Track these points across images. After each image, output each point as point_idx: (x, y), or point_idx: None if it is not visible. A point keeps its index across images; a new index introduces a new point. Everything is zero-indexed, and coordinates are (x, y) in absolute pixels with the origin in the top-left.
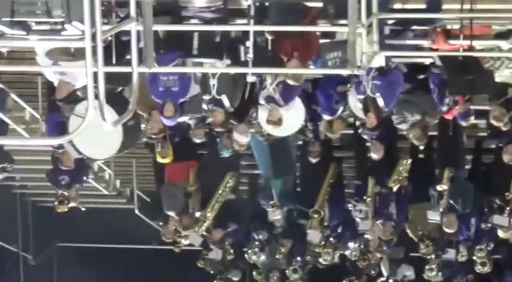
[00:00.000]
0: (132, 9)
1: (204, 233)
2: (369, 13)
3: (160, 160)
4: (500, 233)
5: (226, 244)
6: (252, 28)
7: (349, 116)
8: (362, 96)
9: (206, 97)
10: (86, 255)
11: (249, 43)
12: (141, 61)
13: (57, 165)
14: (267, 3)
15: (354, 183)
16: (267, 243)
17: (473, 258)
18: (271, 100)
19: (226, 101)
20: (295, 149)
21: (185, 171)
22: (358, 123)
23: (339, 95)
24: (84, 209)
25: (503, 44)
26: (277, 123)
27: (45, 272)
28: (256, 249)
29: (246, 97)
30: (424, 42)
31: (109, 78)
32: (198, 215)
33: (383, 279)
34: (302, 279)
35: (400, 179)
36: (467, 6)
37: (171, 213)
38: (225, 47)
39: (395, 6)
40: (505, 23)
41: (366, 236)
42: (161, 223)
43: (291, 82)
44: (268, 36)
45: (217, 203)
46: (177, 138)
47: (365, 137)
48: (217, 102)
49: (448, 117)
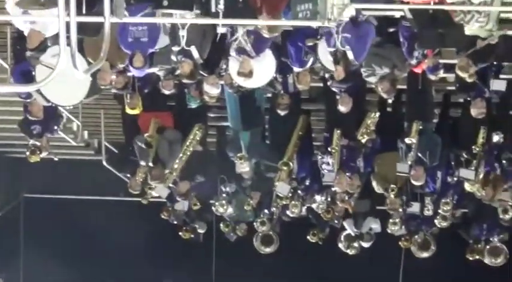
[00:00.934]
0: None
1: (171, 185)
2: None
3: (129, 111)
4: (467, 187)
5: (193, 196)
6: None
7: (320, 68)
8: (332, 49)
9: (175, 48)
10: (53, 206)
11: None
12: (112, 11)
13: (28, 115)
14: None
15: (323, 135)
16: (235, 195)
17: (439, 211)
18: (242, 52)
19: (195, 53)
20: (264, 101)
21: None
22: (327, 76)
23: (309, 47)
24: (57, 158)
25: None
26: (248, 75)
27: (12, 223)
28: (224, 202)
29: (217, 48)
30: None
31: (78, 28)
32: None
33: (347, 232)
34: (272, 230)
35: (368, 131)
36: None
37: (143, 163)
38: None
39: None
40: None
41: (334, 188)
42: (128, 175)
43: (266, 34)
44: None
45: (185, 154)
46: (146, 90)
47: (334, 89)
48: (187, 54)
49: (417, 70)
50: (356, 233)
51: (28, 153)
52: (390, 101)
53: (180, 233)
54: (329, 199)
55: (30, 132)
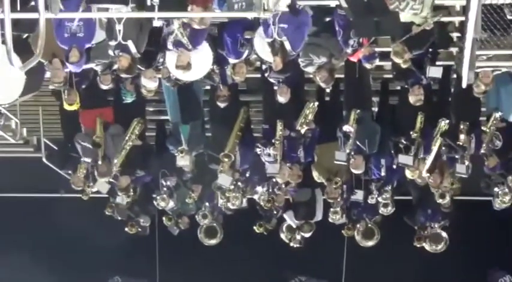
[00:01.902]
0: None
1: (111, 180)
2: None
3: (67, 107)
4: (408, 174)
5: (133, 190)
6: None
7: (256, 59)
8: (270, 40)
9: (112, 43)
10: None
11: None
12: (47, 7)
13: None
14: None
15: (262, 127)
16: (176, 189)
17: (379, 199)
18: (179, 45)
19: (132, 47)
20: (202, 94)
21: (95, 119)
22: (264, 67)
23: (245, 38)
24: None
25: None
26: (186, 68)
27: None
28: (165, 196)
29: (153, 42)
30: None
31: (14, 24)
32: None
33: (288, 223)
34: (213, 223)
35: (307, 121)
36: None
37: (87, 160)
38: None
39: None
40: None
41: (275, 179)
42: (70, 171)
43: (196, 26)
44: None
45: (124, 149)
46: (83, 85)
47: (272, 80)
48: (124, 48)
49: (353, 59)
50: (297, 224)
51: None
52: (328, 90)
53: (126, 229)
54: (270, 190)
55: None
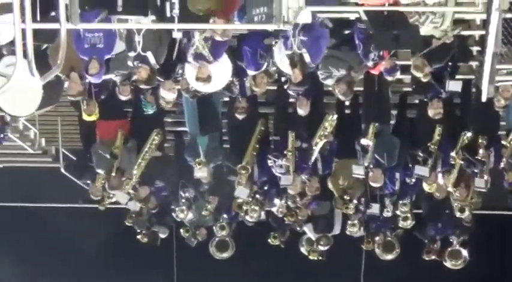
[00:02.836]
0: None
1: (131, 191)
2: None
3: (86, 118)
4: (425, 187)
5: (152, 201)
6: None
7: (275, 71)
8: (289, 52)
9: (131, 54)
10: (12, 214)
11: None
12: (67, 18)
13: None
14: None
15: (273, 139)
16: (194, 200)
17: (397, 212)
18: (200, 57)
19: (151, 58)
20: (221, 106)
21: (115, 130)
22: (283, 79)
23: (264, 50)
24: (1, 166)
25: None
26: (207, 80)
27: None
28: (184, 207)
29: (175, 55)
30: None
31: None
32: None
33: (308, 235)
34: (229, 235)
35: (326, 134)
36: None
37: (100, 172)
38: (150, 3)
39: None
40: None
41: (290, 191)
42: (89, 181)
43: (218, 38)
44: None
45: (143, 160)
46: (102, 96)
47: (291, 92)
48: (143, 59)
49: (373, 72)
50: (315, 237)
51: None
52: (348, 102)
53: (138, 237)
54: (289, 202)
55: None
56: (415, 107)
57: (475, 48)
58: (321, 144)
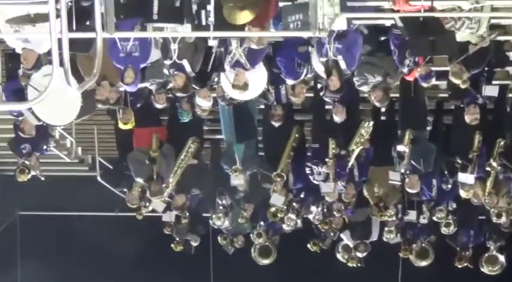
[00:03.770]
0: None
1: (167, 199)
2: None
3: (122, 126)
4: (463, 193)
5: (188, 209)
6: None
7: (311, 79)
8: (324, 59)
9: (167, 62)
10: (49, 223)
11: (210, 7)
12: (103, 27)
13: (18, 133)
14: None
15: (312, 146)
16: (231, 208)
17: (433, 218)
18: (237, 64)
19: (187, 66)
20: (256, 113)
21: (151, 137)
22: (319, 86)
23: (301, 58)
24: (43, 178)
25: (464, 4)
26: (243, 87)
27: (8, 241)
28: (221, 215)
29: (211, 63)
30: (385, 4)
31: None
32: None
33: (344, 242)
34: (267, 242)
35: (362, 141)
36: None
37: (139, 180)
38: (186, 11)
39: None
40: None
41: (327, 198)
42: (125, 190)
43: (254, 46)
44: None
45: (180, 168)
46: (138, 104)
47: (327, 99)
48: (179, 67)
49: (409, 78)
50: (353, 244)
51: (17, 172)
52: (384, 109)
53: (171, 245)
54: (325, 210)
55: (19, 152)
56: (452, 113)
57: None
58: (357, 151)
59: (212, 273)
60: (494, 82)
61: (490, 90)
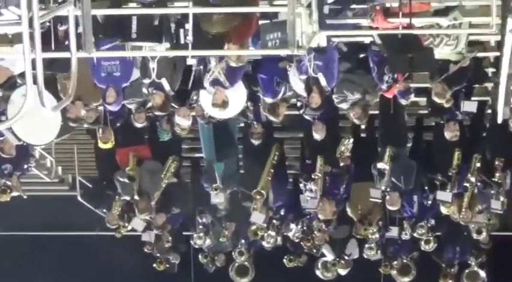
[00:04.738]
0: None
1: (147, 218)
2: None
3: (102, 146)
4: (443, 210)
5: (169, 228)
6: (191, 10)
7: (291, 97)
8: (304, 76)
9: (146, 81)
10: (29, 243)
11: (189, 25)
12: (81, 47)
13: None
14: None
15: (306, 163)
16: (212, 226)
17: (414, 235)
18: (217, 83)
19: (166, 85)
20: (237, 131)
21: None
22: (299, 104)
23: (280, 76)
24: (26, 197)
25: (442, 21)
26: (223, 105)
27: None
28: (201, 234)
29: (191, 81)
30: (364, 21)
31: (50, 64)
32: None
33: (325, 258)
34: (248, 260)
35: (343, 158)
36: None
37: (127, 198)
38: (164, 30)
39: None
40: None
41: (319, 215)
42: (105, 210)
43: (233, 64)
44: None
45: (160, 187)
46: (118, 123)
47: (307, 117)
48: (158, 86)
49: (388, 95)
50: (334, 260)
51: None
52: (364, 126)
53: (154, 265)
54: (305, 228)
55: (0, 172)
56: (432, 129)
57: (490, 70)
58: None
59: None
60: (473, 98)
61: (469, 106)
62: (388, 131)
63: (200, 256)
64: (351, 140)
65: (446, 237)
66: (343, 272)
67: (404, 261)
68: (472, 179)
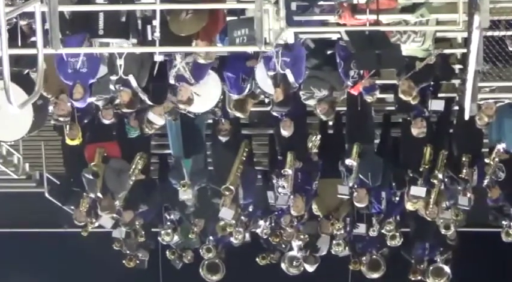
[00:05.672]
0: None
1: (115, 216)
2: None
3: (69, 142)
4: (409, 206)
5: (137, 225)
6: (158, 7)
7: (260, 93)
8: (272, 73)
9: (113, 77)
10: None
11: (156, 22)
12: (48, 43)
13: None
14: None
15: (278, 159)
16: (179, 223)
17: (382, 231)
18: (181, 79)
19: (133, 81)
20: (204, 128)
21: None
22: (267, 101)
23: (246, 73)
24: None
25: (410, 17)
26: (187, 102)
27: None
28: (169, 231)
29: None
30: (331, 18)
31: (17, 60)
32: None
33: (292, 253)
34: (216, 257)
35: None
36: None
37: (92, 195)
38: (132, 27)
39: None
40: None
41: (292, 212)
42: (72, 207)
43: (202, 61)
44: None
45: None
46: (85, 120)
47: (275, 114)
48: (125, 83)
49: (354, 92)
50: (302, 255)
51: None
52: (331, 123)
53: (124, 262)
54: (273, 224)
55: None
56: (399, 125)
57: (457, 67)
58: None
59: None
60: (440, 95)
61: (436, 105)
62: (356, 128)
63: (168, 252)
64: (319, 136)
65: (416, 234)
66: (310, 268)
67: (374, 257)
68: (439, 175)
